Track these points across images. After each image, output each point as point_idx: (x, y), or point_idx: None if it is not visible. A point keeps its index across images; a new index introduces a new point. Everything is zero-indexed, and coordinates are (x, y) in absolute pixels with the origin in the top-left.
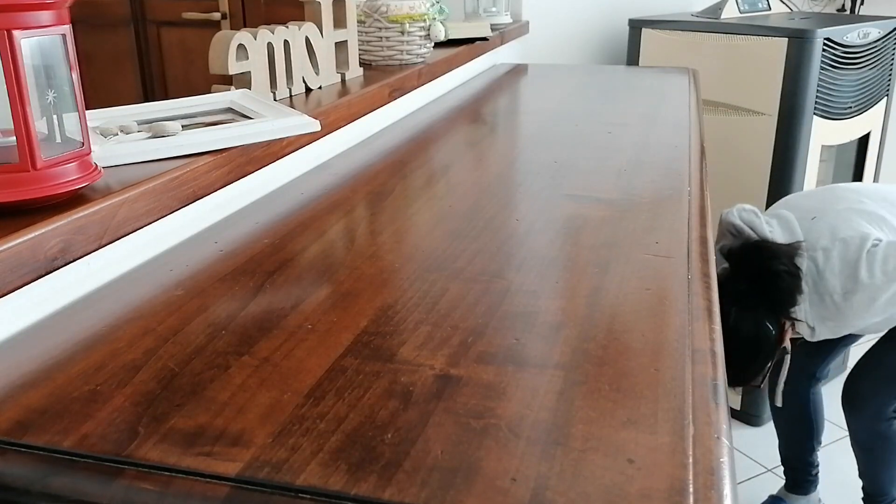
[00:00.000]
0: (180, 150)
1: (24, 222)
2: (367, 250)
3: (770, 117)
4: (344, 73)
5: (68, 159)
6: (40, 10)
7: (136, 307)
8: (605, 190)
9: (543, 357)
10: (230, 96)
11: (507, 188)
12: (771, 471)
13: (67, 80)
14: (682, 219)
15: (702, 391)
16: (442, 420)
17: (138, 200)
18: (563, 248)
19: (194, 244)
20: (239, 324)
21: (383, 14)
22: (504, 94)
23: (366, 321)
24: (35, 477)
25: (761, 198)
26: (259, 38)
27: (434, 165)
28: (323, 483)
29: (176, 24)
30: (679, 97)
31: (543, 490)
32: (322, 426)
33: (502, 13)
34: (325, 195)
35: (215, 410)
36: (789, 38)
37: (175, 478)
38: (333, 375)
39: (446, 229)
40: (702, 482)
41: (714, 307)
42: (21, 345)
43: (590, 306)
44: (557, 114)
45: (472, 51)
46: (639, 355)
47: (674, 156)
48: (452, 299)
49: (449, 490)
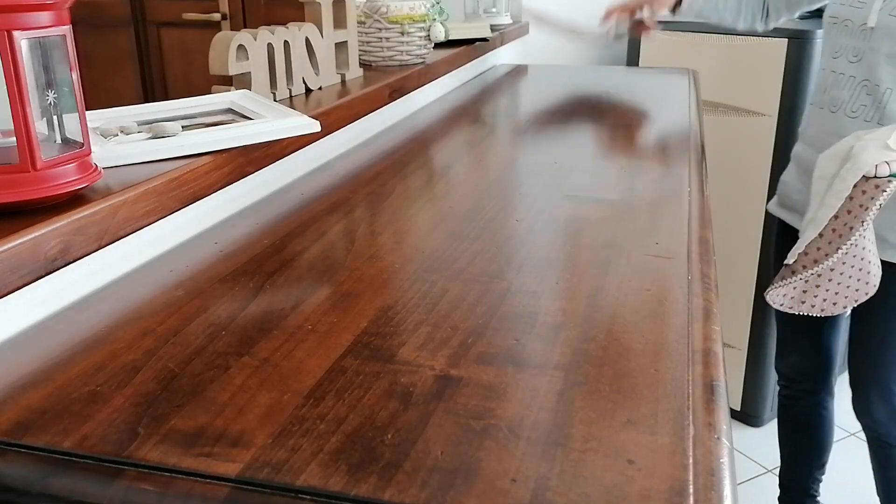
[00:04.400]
0: (180, 151)
1: (24, 223)
2: (367, 251)
3: (770, 118)
4: (344, 73)
5: (68, 160)
6: (40, 11)
7: (135, 308)
8: (605, 190)
9: (543, 358)
10: (230, 97)
11: (508, 189)
12: (771, 471)
13: (67, 81)
14: (682, 219)
15: (702, 392)
16: (442, 421)
17: (138, 201)
18: (563, 249)
19: (194, 245)
20: (239, 324)
21: (383, 15)
22: (504, 94)
23: (366, 322)
24: (35, 477)
25: (761, 198)
26: (259, 39)
27: (434, 166)
28: (323, 484)
29: (176, 24)
30: (679, 98)
31: (543, 491)
32: (322, 427)
33: (502, 14)
34: (325, 196)
35: (215, 411)
36: (789, 39)
37: (175, 478)
38: (333, 376)
39: (446, 230)
40: (702, 483)
41: (714, 307)
42: (21, 345)
43: (590, 307)
44: (557, 114)
45: (472, 51)
46: (639, 356)
47: (674, 156)
48: (452, 300)
49: (449, 491)
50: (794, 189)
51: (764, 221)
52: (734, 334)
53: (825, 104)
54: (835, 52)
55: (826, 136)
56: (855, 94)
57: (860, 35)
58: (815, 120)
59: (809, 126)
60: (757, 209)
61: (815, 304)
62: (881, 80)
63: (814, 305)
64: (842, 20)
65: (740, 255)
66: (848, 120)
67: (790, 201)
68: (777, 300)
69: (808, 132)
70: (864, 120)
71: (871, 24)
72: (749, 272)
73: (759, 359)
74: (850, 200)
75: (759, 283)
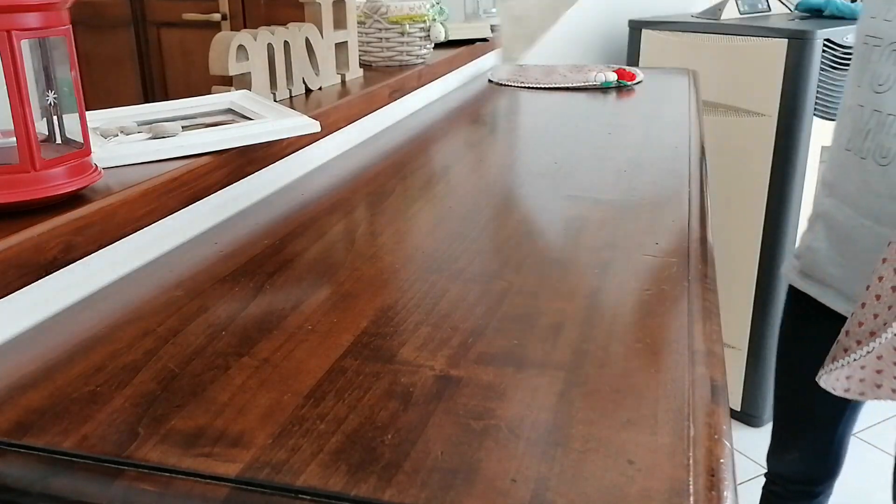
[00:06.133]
0: (180, 151)
1: (25, 223)
2: (367, 251)
3: (770, 118)
4: (344, 73)
5: (68, 160)
6: (40, 11)
7: (136, 308)
8: (605, 190)
9: (543, 358)
10: (230, 97)
11: (508, 189)
12: None
13: (67, 81)
14: (682, 219)
15: (702, 392)
16: (442, 421)
17: (138, 201)
18: (563, 249)
19: (194, 245)
20: (239, 325)
21: (383, 15)
22: (504, 95)
23: (366, 322)
24: (35, 478)
25: (761, 198)
26: (259, 39)
27: (434, 166)
28: (323, 484)
29: (176, 25)
30: (679, 98)
31: (543, 491)
32: (322, 427)
33: None
34: (325, 196)
35: (215, 411)
36: (789, 40)
37: (175, 479)
38: (333, 376)
39: (446, 230)
40: (702, 483)
41: (714, 307)
42: (21, 346)
43: (590, 307)
44: (557, 115)
45: (473, 52)
46: (639, 356)
47: (674, 156)
48: (452, 300)
49: (449, 491)
50: (828, 260)
51: (765, 221)
52: (734, 334)
53: (868, 153)
54: (878, 85)
55: (872, 195)
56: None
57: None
58: (853, 173)
59: (845, 179)
60: (757, 209)
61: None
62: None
63: (894, 389)
64: (889, 43)
65: (740, 256)
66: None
67: (821, 274)
68: (839, 385)
69: (842, 186)
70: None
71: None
72: (749, 272)
73: (759, 359)
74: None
75: (759, 283)
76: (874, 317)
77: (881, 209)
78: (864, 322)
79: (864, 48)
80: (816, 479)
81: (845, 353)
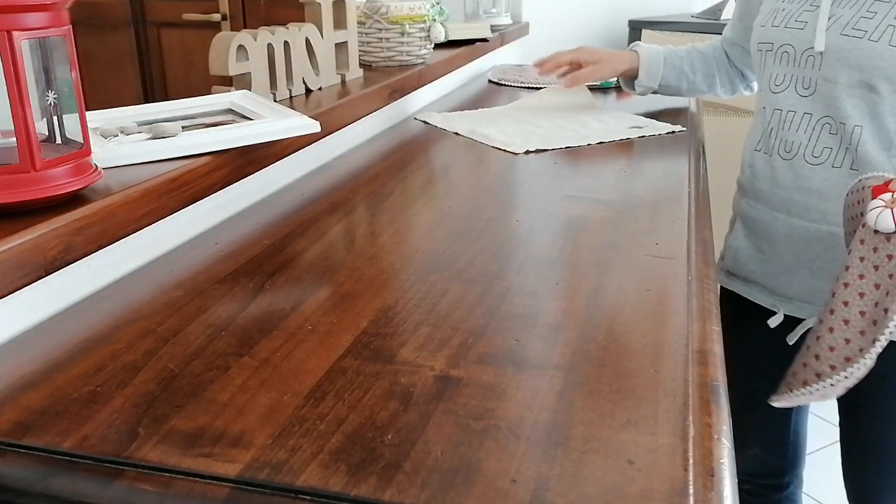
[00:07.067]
0: (180, 152)
1: (25, 223)
2: (367, 251)
3: None
4: (344, 74)
5: (68, 160)
6: (40, 11)
7: (136, 308)
8: (605, 190)
9: (543, 358)
10: (230, 97)
11: (507, 189)
12: None
13: (67, 81)
14: (682, 219)
15: (702, 392)
16: (442, 421)
17: (138, 201)
18: (563, 249)
19: (194, 245)
20: (239, 325)
21: (383, 15)
22: (504, 95)
23: (366, 322)
24: (35, 478)
25: None
26: (259, 39)
27: (434, 166)
28: (323, 484)
29: (176, 25)
30: (679, 98)
31: (543, 491)
32: (322, 427)
33: (502, 14)
34: (325, 196)
35: (215, 411)
36: None
37: (175, 479)
38: (333, 376)
39: (446, 230)
40: (702, 483)
41: (714, 308)
42: (21, 346)
43: (590, 307)
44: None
45: (473, 52)
46: (639, 356)
47: (674, 156)
48: (452, 300)
49: (449, 491)
50: (748, 256)
51: None
52: None
53: (773, 150)
54: (775, 86)
55: (781, 189)
56: (814, 135)
57: (806, 62)
58: (763, 170)
59: (756, 178)
60: None
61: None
62: (846, 116)
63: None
64: (778, 46)
65: None
66: (809, 167)
67: (745, 271)
68: (793, 402)
69: (754, 185)
70: (831, 166)
71: (818, 48)
72: None
73: None
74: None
75: None
76: (846, 342)
77: (790, 200)
78: (836, 347)
79: (759, 55)
80: (780, 471)
81: (818, 378)
